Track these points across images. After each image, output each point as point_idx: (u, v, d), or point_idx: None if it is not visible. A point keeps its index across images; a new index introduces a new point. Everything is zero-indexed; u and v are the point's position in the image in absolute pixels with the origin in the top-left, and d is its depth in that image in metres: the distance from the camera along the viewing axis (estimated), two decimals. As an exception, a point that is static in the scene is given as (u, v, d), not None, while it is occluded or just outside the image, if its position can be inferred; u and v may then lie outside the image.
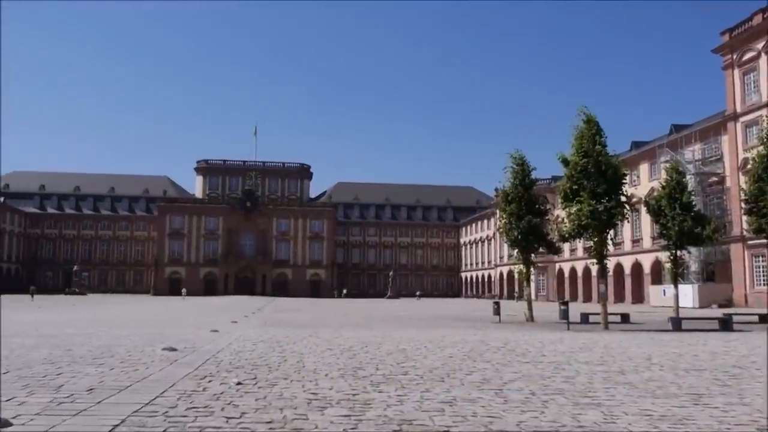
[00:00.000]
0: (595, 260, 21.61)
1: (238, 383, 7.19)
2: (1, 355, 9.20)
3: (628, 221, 28.48)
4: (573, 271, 66.98)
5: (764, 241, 25.20)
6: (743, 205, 25.29)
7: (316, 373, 8.24)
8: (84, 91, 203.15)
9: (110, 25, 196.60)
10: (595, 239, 21.00)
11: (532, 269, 27.73)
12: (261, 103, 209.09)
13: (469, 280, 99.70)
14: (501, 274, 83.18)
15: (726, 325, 19.39)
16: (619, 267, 56.29)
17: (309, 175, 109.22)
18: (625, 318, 23.48)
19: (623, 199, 20.83)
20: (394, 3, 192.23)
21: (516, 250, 27.32)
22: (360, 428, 5.02)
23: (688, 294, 41.59)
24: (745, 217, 27.87)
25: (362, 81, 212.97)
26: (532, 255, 27.46)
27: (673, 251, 24.32)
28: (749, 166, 28.90)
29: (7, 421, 4.86)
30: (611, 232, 21.64)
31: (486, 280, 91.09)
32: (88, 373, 7.80)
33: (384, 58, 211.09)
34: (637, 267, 55.19)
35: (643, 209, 36.11)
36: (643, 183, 53.22)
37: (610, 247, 22.88)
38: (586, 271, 61.39)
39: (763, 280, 41.00)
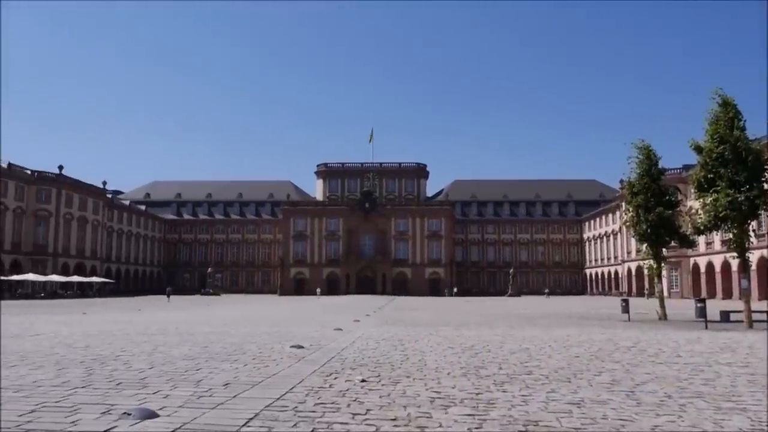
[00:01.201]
0: (735, 254, 20.03)
1: (363, 380, 7.34)
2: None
3: (774, 211, 26.10)
4: (710, 265, 62.47)
5: None
6: None
7: (438, 371, 8.23)
8: (216, 104, 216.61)
9: (238, 34, 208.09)
10: (735, 231, 19.45)
11: (663, 264, 26.22)
12: (377, 104, 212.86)
13: (594, 276, 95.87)
14: (629, 270, 79.28)
15: None
16: (763, 260, 51.83)
17: (425, 174, 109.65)
18: (772, 316, 21.61)
19: (767, 187, 19.18)
20: (506, 3, 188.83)
21: (645, 245, 25.89)
22: (484, 428, 4.95)
23: None
24: None
25: (477, 78, 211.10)
26: (663, 249, 25.98)
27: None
28: None
29: (154, 412, 5.27)
30: (753, 222, 19.99)
31: (612, 276, 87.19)
32: (223, 368, 8.27)
33: (500, 54, 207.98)
34: (784, 260, 50.60)
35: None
36: (789, 168, 48.58)
37: (753, 239, 21.07)
38: (725, 265, 57.02)
39: None
